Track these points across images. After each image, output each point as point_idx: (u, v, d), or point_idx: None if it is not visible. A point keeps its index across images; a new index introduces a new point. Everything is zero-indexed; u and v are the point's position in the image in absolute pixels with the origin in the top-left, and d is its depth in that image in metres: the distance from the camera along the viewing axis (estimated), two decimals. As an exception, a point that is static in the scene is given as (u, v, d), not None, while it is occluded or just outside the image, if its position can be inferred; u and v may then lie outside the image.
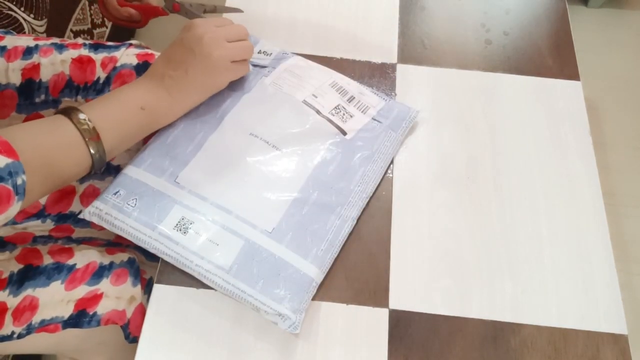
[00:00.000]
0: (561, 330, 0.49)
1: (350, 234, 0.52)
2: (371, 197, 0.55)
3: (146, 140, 0.55)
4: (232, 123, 0.55)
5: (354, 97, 0.59)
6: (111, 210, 0.50)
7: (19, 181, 0.39)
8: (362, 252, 0.52)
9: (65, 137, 0.45)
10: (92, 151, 0.46)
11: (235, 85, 0.58)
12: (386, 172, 0.56)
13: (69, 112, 0.46)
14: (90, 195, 0.64)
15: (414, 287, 0.51)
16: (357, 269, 0.51)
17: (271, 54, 0.62)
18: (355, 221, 0.53)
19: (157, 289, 0.50)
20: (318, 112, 0.56)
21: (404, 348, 0.48)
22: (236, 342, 0.47)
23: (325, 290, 0.50)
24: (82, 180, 0.61)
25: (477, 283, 0.51)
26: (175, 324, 0.48)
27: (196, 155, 0.53)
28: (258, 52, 0.62)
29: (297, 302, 0.46)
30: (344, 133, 0.56)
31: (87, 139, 0.46)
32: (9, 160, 0.38)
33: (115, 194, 0.51)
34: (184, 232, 0.49)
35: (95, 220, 0.50)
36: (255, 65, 0.61)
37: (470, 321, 0.49)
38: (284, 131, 0.55)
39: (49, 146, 0.44)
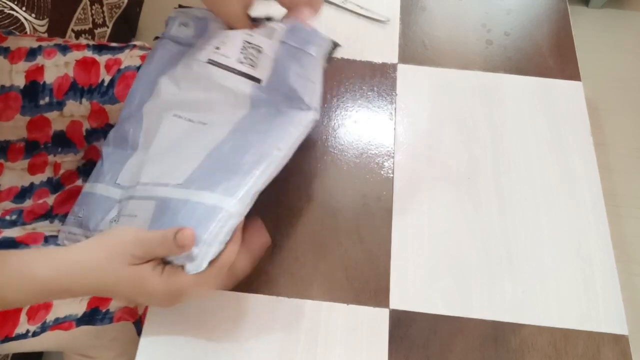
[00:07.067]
0: (562, 330, 0.49)
1: (349, 228, 0.52)
2: (366, 198, 0.55)
3: None
4: (152, 109, 0.53)
5: (256, 19, 0.53)
6: (72, 228, 0.50)
7: None
8: (362, 252, 0.52)
9: None
10: None
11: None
12: (386, 172, 0.57)
13: None
14: None
15: (415, 287, 0.51)
16: (358, 269, 0.51)
17: (190, 25, 0.56)
18: (282, 159, 0.46)
19: (159, 288, 0.50)
20: (226, 67, 0.51)
21: (405, 348, 0.48)
22: (236, 342, 0.48)
23: (326, 290, 0.50)
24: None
25: (477, 283, 0.51)
26: (175, 323, 0.48)
27: (133, 155, 0.51)
28: (179, 25, 0.56)
29: (200, 233, 0.41)
30: (258, 81, 0.51)
31: None
32: None
33: (73, 213, 0.51)
34: (117, 222, 0.47)
35: (67, 243, 0.50)
36: (177, 42, 0.56)
37: (471, 321, 0.49)
38: (198, 106, 0.51)
39: None
